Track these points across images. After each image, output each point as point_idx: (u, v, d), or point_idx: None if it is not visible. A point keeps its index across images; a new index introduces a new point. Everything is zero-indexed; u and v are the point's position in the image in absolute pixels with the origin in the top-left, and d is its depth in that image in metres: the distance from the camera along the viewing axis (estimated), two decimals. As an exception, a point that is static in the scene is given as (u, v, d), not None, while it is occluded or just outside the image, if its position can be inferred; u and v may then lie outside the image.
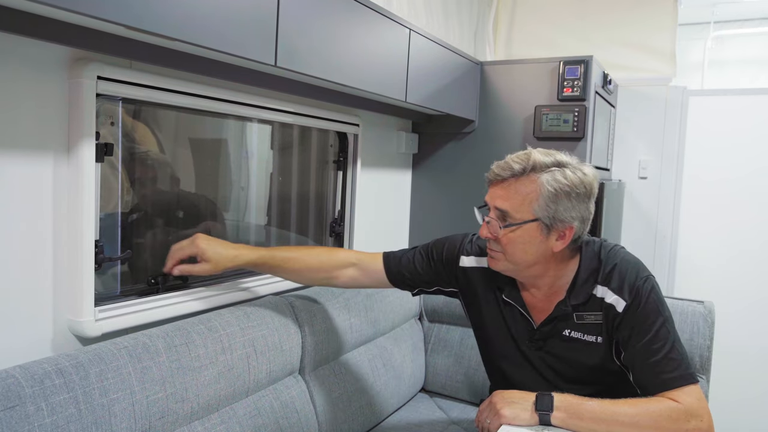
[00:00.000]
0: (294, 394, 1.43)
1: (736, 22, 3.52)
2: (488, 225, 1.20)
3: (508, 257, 1.20)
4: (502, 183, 1.19)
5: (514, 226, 1.17)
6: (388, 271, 1.42)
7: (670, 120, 2.69)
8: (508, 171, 1.17)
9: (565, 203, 1.15)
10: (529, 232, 1.17)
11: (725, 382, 2.40)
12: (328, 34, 1.39)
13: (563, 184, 1.14)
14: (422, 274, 1.41)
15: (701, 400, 1.11)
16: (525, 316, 1.28)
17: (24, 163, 1.05)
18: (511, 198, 1.17)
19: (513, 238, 1.18)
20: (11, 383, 0.89)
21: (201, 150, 1.49)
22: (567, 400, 1.14)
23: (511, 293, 1.29)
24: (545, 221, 1.16)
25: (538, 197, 1.15)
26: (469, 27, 2.70)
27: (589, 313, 1.21)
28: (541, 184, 1.15)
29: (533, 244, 1.18)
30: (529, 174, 1.16)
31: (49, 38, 0.97)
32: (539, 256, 1.19)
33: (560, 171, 1.15)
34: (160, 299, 1.29)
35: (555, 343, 1.25)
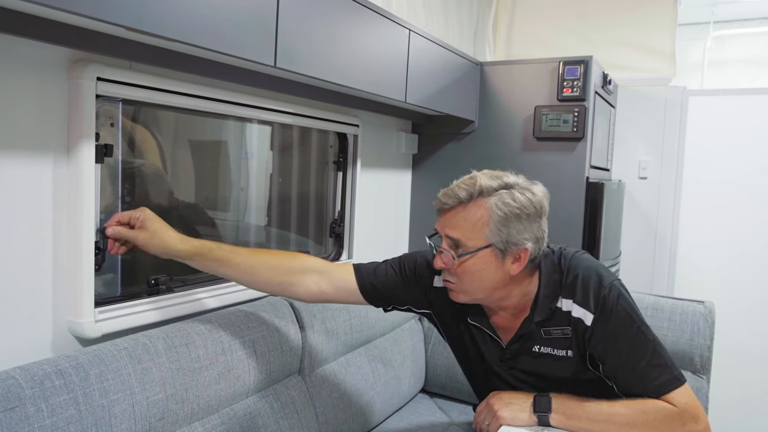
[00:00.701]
0: (294, 395, 1.43)
1: (735, 22, 3.52)
2: (441, 255, 1.15)
3: (465, 287, 1.16)
4: (451, 211, 1.14)
5: (467, 255, 1.12)
6: (361, 283, 1.28)
7: (670, 120, 2.69)
8: (455, 199, 1.12)
9: (516, 225, 1.11)
10: (483, 259, 1.12)
11: (725, 382, 2.40)
12: (327, 34, 1.39)
13: (512, 207, 1.10)
14: (395, 290, 1.31)
15: (694, 400, 1.10)
16: (493, 337, 1.25)
17: (24, 164, 1.05)
18: (460, 226, 1.12)
19: (468, 267, 1.13)
20: (11, 384, 0.89)
21: (201, 151, 1.49)
22: (565, 401, 1.14)
23: (476, 317, 1.25)
24: (498, 246, 1.11)
25: (489, 222, 1.10)
26: (468, 27, 2.70)
27: (557, 327, 1.18)
28: (489, 208, 1.10)
29: (489, 270, 1.13)
30: (476, 199, 1.11)
31: (48, 39, 0.97)
32: (497, 281, 1.15)
33: (508, 193, 1.11)
34: (160, 300, 1.29)
35: (526, 360, 1.22)
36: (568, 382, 1.20)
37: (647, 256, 2.72)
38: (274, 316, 1.42)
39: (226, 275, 1.25)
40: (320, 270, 1.28)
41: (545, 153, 2.13)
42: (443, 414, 1.95)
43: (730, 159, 2.66)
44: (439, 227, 1.17)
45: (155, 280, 1.32)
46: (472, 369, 1.34)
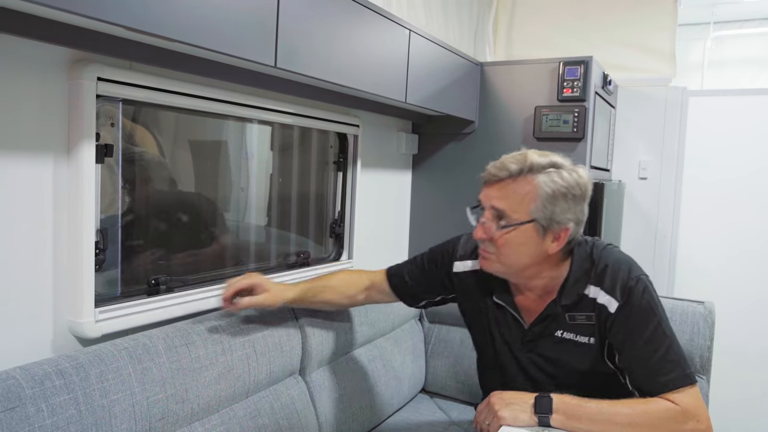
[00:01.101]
0: (294, 395, 1.43)
1: (735, 23, 3.53)
2: (483, 225, 1.18)
3: (502, 259, 1.18)
4: (499, 183, 1.16)
5: (510, 227, 1.14)
6: (393, 286, 1.44)
7: (670, 120, 2.69)
8: (505, 171, 1.15)
9: (561, 204, 1.13)
10: (525, 233, 1.15)
11: (725, 382, 2.39)
12: (328, 35, 1.39)
13: (560, 185, 1.13)
14: (422, 285, 1.41)
15: (699, 402, 1.10)
16: (516, 318, 1.26)
17: (24, 164, 1.05)
18: (507, 198, 1.15)
19: (508, 240, 1.15)
20: (11, 384, 0.89)
21: (201, 151, 1.49)
22: (565, 401, 1.14)
23: (502, 296, 1.27)
24: (542, 222, 1.14)
25: (535, 198, 1.13)
26: (468, 27, 2.70)
27: (581, 313, 1.20)
28: (538, 185, 1.13)
29: (528, 245, 1.16)
30: (526, 175, 1.14)
31: (49, 40, 0.97)
32: (533, 257, 1.18)
33: (557, 172, 1.14)
34: (161, 300, 1.29)
35: (546, 345, 1.24)
36: (584, 374, 1.21)
37: (647, 256, 2.72)
38: (274, 316, 1.42)
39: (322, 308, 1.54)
40: (368, 286, 1.47)
41: (545, 153, 2.13)
42: (443, 414, 1.95)
43: (730, 159, 2.66)
44: (483, 198, 1.19)
45: (155, 280, 1.32)
46: (490, 354, 1.34)
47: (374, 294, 1.47)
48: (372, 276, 1.48)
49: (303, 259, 1.80)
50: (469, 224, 2.33)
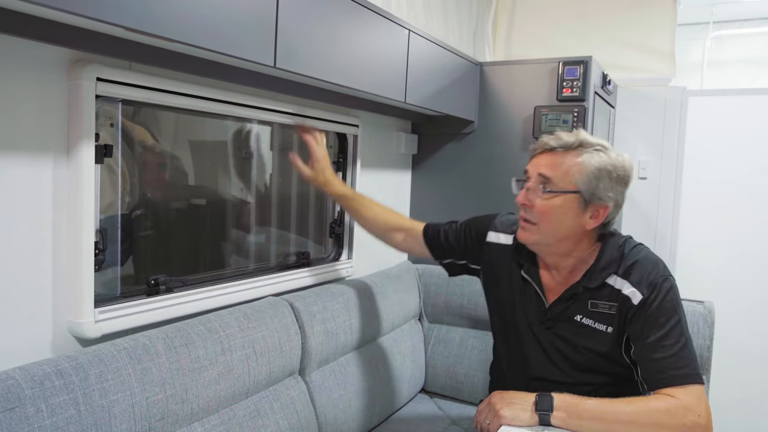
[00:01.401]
0: (294, 395, 1.43)
1: (735, 22, 3.53)
2: (527, 192, 1.24)
3: (542, 227, 1.23)
4: (550, 153, 1.23)
5: (554, 192, 1.20)
6: (426, 235, 1.52)
7: (669, 120, 2.69)
8: (559, 141, 1.22)
9: (605, 182, 1.19)
10: (567, 202, 1.20)
11: (725, 382, 2.39)
12: (327, 35, 1.39)
13: (606, 162, 1.20)
14: (454, 245, 1.48)
15: (702, 400, 1.11)
16: (539, 295, 1.30)
17: (24, 165, 1.05)
18: (556, 167, 1.21)
19: (550, 207, 1.21)
20: (11, 385, 0.89)
21: (200, 151, 1.49)
22: (566, 400, 1.15)
23: (530, 270, 1.32)
24: (585, 195, 1.19)
25: (582, 171, 1.19)
26: (468, 27, 2.70)
27: (605, 302, 1.23)
28: (586, 159, 1.19)
29: (568, 216, 1.21)
30: (577, 148, 1.20)
31: (48, 40, 0.97)
32: (570, 231, 1.22)
33: (605, 152, 1.21)
34: (160, 300, 1.29)
35: (565, 327, 1.27)
36: (602, 358, 1.24)
37: (647, 256, 2.71)
38: (273, 317, 1.42)
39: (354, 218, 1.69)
40: (406, 228, 1.59)
41: (545, 153, 2.13)
42: (443, 414, 1.95)
43: (730, 159, 2.66)
44: (531, 167, 1.26)
45: (155, 280, 1.32)
46: (508, 326, 1.36)
47: (410, 239, 1.56)
48: (412, 222, 1.60)
49: (303, 259, 1.80)
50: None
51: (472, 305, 2.07)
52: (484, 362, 2.01)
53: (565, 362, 1.28)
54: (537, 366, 1.30)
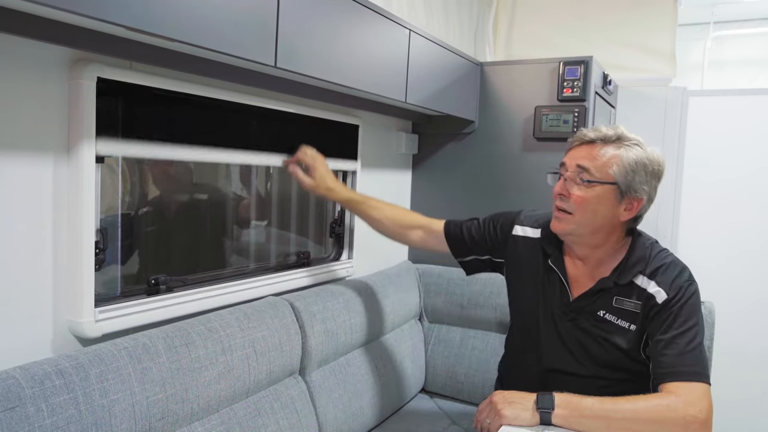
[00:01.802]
0: (294, 395, 1.43)
1: (735, 23, 3.53)
2: (565, 182, 1.27)
3: (578, 216, 1.25)
4: (589, 145, 1.26)
5: (592, 183, 1.23)
6: (447, 233, 1.53)
7: (670, 120, 2.69)
8: (599, 134, 1.25)
9: (641, 175, 1.23)
10: (604, 193, 1.23)
11: (725, 382, 2.39)
12: (328, 34, 1.39)
13: (642, 156, 1.23)
14: (477, 240, 1.49)
15: (705, 397, 1.13)
16: (564, 286, 1.32)
17: (24, 164, 1.05)
18: (595, 159, 1.24)
19: (587, 197, 1.23)
20: (11, 384, 0.89)
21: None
22: (567, 398, 1.16)
23: (556, 260, 1.34)
24: (621, 187, 1.23)
25: (620, 163, 1.22)
26: (468, 27, 2.70)
27: (630, 299, 1.26)
28: (624, 152, 1.23)
29: (604, 206, 1.24)
30: (615, 141, 1.24)
31: (49, 39, 0.97)
32: (605, 221, 1.25)
33: (641, 147, 1.25)
34: (160, 300, 1.29)
35: (588, 320, 1.29)
36: (622, 353, 1.26)
37: (647, 257, 2.71)
38: (274, 316, 1.42)
39: (364, 221, 1.65)
40: (423, 226, 1.59)
41: (545, 153, 2.13)
42: (443, 414, 1.95)
43: (730, 159, 2.66)
44: (568, 159, 1.29)
45: (155, 279, 1.32)
46: (529, 315, 1.38)
47: (428, 237, 1.57)
48: (429, 220, 1.60)
49: (303, 259, 1.80)
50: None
51: (472, 305, 2.07)
52: (484, 362, 2.01)
53: (583, 354, 1.30)
54: (554, 357, 1.32)
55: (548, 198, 2.10)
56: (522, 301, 1.42)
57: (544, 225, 1.41)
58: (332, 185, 1.58)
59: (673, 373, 1.16)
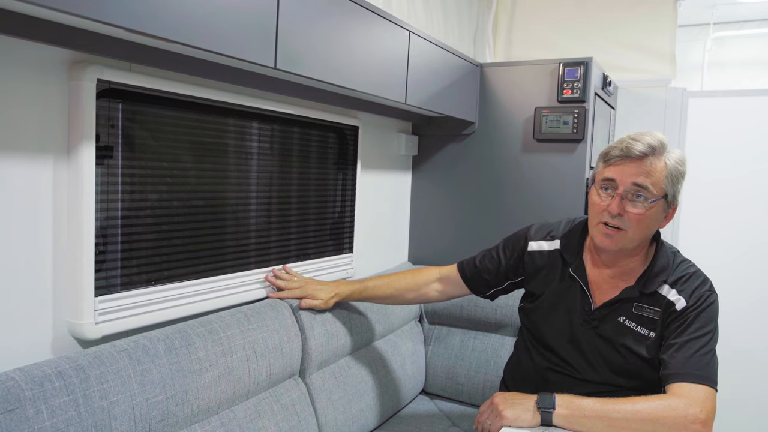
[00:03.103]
0: (294, 397, 1.43)
1: (735, 24, 3.53)
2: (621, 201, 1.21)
3: (631, 233, 1.23)
4: (641, 160, 1.20)
5: (655, 201, 1.20)
6: (464, 276, 1.53)
7: (670, 121, 2.69)
8: (647, 147, 1.20)
9: (681, 182, 1.23)
10: (658, 207, 1.22)
11: (725, 382, 2.37)
12: (328, 36, 1.40)
13: (681, 164, 1.22)
14: (494, 272, 1.49)
15: (709, 400, 1.12)
16: (585, 293, 1.32)
17: (24, 165, 1.05)
18: (650, 175, 1.20)
19: (646, 215, 1.21)
20: (11, 386, 0.89)
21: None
22: (568, 398, 1.17)
23: (578, 269, 1.34)
24: (668, 198, 1.22)
25: (668, 175, 1.21)
26: (468, 29, 2.70)
27: (650, 307, 1.25)
28: (668, 162, 1.21)
29: (655, 220, 1.23)
30: (660, 152, 1.21)
31: (48, 41, 0.97)
32: (652, 232, 1.26)
33: (672, 149, 1.22)
34: (161, 302, 1.29)
35: (608, 327, 1.28)
36: (642, 361, 1.25)
37: (647, 258, 2.71)
38: (274, 318, 1.42)
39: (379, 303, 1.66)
40: (437, 278, 1.58)
41: (545, 154, 2.13)
42: (443, 415, 1.95)
43: (730, 160, 2.66)
44: (619, 176, 1.22)
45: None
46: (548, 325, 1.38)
47: (446, 288, 1.56)
48: (441, 270, 1.58)
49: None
50: (469, 224, 2.33)
51: (472, 306, 2.07)
52: (484, 363, 2.01)
53: (600, 361, 1.29)
54: (567, 363, 1.32)
55: (547, 198, 2.12)
56: (539, 309, 1.41)
57: (564, 235, 1.40)
58: (336, 291, 1.57)
59: (680, 374, 1.15)
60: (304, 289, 1.56)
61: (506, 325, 2.04)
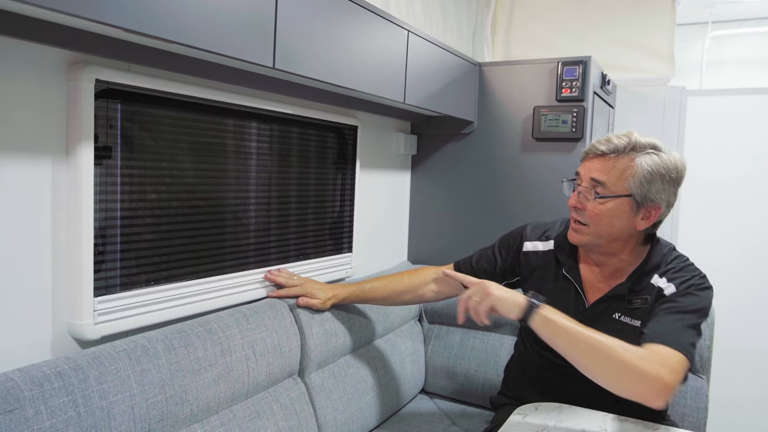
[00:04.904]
0: (293, 396, 1.43)
1: (734, 22, 3.52)
2: (579, 195, 1.26)
3: (593, 228, 1.25)
4: (602, 157, 1.24)
5: (606, 198, 1.22)
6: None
7: (668, 120, 2.69)
8: (611, 146, 1.23)
9: (657, 185, 1.20)
10: (619, 206, 1.22)
11: (725, 382, 2.39)
12: (326, 36, 1.40)
13: (659, 166, 1.20)
14: (490, 271, 1.50)
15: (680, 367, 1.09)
16: (579, 293, 1.32)
17: (23, 166, 1.05)
18: (609, 172, 1.22)
19: (602, 210, 1.23)
20: (10, 386, 0.89)
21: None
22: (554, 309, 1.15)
23: (571, 270, 1.34)
24: (637, 198, 1.21)
25: (635, 175, 1.20)
26: (467, 28, 2.70)
27: (641, 297, 1.26)
28: (639, 162, 1.21)
29: (620, 218, 1.23)
30: (629, 153, 1.22)
31: (47, 41, 0.97)
32: (621, 231, 1.24)
33: (656, 154, 1.21)
34: (160, 302, 1.29)
35: (603, 325, 1.26)
36: None
37: (647, 256, 2.71)
38: (273, 318, 1.42)
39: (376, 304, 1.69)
40: (434, 279, 1.57)
41: (544, 153, 2.13)
42: (443, 415, 1.95)
43: (729, 159, 2.66)
44: (583, 171, 1.28)
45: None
46: None
47: (442, 287, 1.56)
48: (437, 270, 1.58)
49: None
50: (468, 224, 2.33)
51: (471, 306, 2.07)
52: (484, 363, 2.01)
53: None
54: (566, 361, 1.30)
55: (547, 198, 2.12)
56: None
57: (557, 235, 1.41)
58: (334, 292, 1.58)
59: (658, 338, 1.12)
60: (304, 287, 1.56)
61: (506, 325, 2.04)
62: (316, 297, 1.54)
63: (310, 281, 1.61)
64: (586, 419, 1.21)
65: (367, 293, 1.60)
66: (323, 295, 1.56)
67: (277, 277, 1.58)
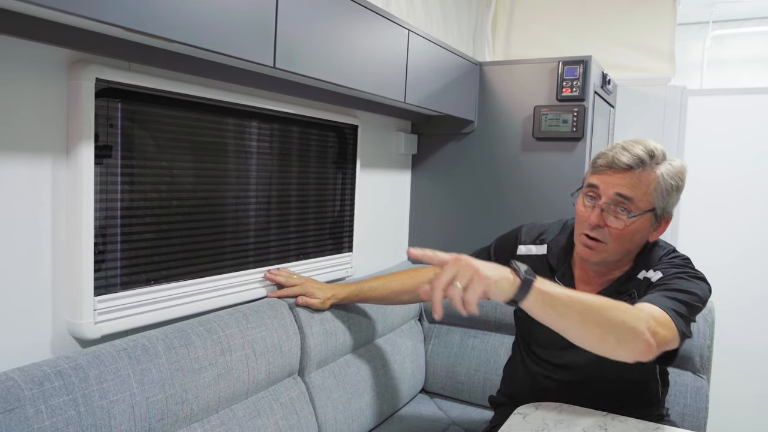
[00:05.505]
0: (293, 396, 1.43)
1: (734, 22, 3.52)
2: (602, 213, 1.15)
3: (612, 246, 1.17)
4: (626, 172, 1.14)
5: (637, 215, 1.13)
6: None
7: (669, 120, 2.69)
8: (636, 159, 1.13)
9: (674, 195, 1.17)
10: (643, 221, 1.16)
11: (725, 381, 2.39)
12: (327, 35, 1.39)
13: (675, 175, 1.15)
14: None
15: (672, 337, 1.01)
16: None
17: (23, 165, 1.05)
18: (635, 187, 1.14)
19: (628, 230, 1.15)
20: (10, 386, 0.89)
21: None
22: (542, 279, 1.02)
23: (563, 276, 1.30)
24: (658, 211, 1.16)
25: (658, 188, 1.14)
26: (467, 27, 2.70)
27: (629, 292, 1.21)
28: (660, 174, 1.14)
29: (640, 233, 1.17)
30: (651, 164, 1.14)
31: (47, 40, 0.97)
32: (638, 244, 1.20)
33: (669, 162, 1.16)
34: (160, 301, 1.29)
35: None
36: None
37: (647, 256, 2.71)
38: (273, 317, 1.42)
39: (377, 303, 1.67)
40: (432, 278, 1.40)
41: (545, 153, 2.13)
42: (443, 414, 1.95)
43: (730, 158, 2.66)
44: (603, 185, 1.16)
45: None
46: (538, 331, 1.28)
47: None
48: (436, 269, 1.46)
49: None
50: (468, 224, 2.33)
51: (471, 305, 2.07)
52: (484, 362, 2.01)
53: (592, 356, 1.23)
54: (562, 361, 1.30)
55: (547, 198, 2.12)
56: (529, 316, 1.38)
57: (552, 240, 1.37)
58: (333, 292, 1.57)
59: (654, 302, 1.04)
60: (303, 286, 1.56)
61: (506, 324, 2.04)
62: (315, 296, 1.54)
63: (309, 280, 1.61)
64: (586, 419, 1.21)
65: (366, 293, 1.60)
66: (322, 294, 1.56)
67: (277, 276, 1.57)
